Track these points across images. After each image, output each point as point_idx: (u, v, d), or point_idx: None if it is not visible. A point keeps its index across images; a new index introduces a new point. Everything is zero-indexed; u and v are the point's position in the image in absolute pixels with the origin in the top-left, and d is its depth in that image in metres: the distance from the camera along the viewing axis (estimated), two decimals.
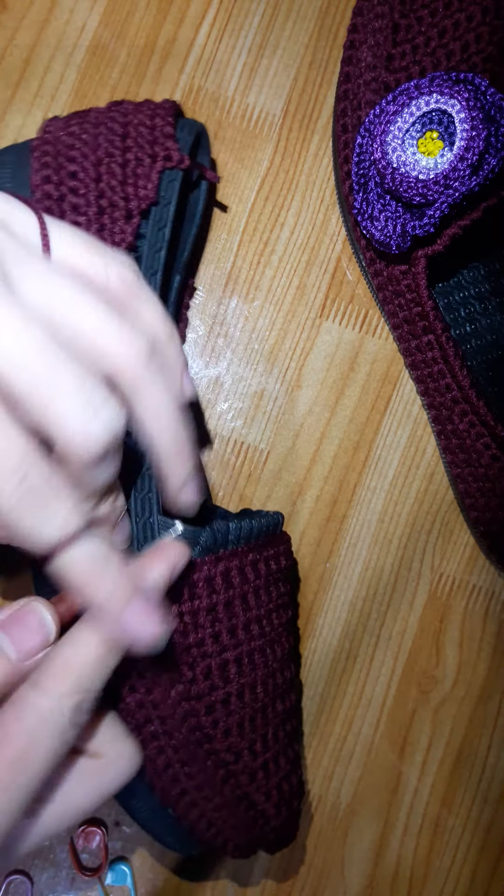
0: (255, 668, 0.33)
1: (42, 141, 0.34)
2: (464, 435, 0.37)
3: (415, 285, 0.36)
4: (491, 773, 0.42)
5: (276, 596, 0.35)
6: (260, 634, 0.33)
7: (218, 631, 0.32)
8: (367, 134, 0.35)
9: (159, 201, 0.33)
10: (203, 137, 0.38)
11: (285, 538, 0.37)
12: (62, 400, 0.22)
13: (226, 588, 0.32)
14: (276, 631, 0.34)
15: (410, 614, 0.41)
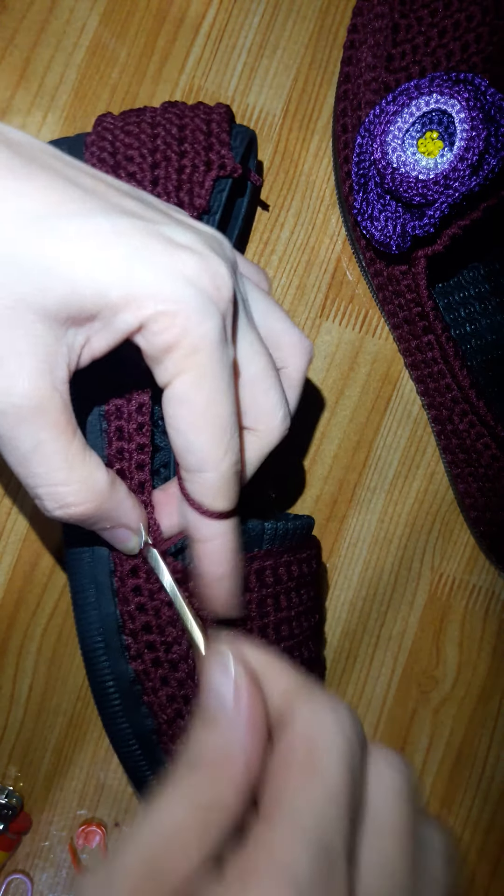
0: None
1: (98, 136, 0.33)
2: (464, 435, 0.37)
3: (415, 285, 0.36)
4: (491, 773, 0.42)
5: (306, 599, 0.35)
6: (289, 636, 0.33)
7: (250, 629, 0.32)
8: (367, 134, 0.35)
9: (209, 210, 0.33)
10: (253, 143, 0.37)
11: (316, 543, 0.37)
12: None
13: (259, 587, 0.32)
14: (305, 634, 0.35)
15: (410, 614, 0.41)
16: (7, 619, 0.40)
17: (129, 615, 0.31)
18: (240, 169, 0.33)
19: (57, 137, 0.40)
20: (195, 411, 0.26)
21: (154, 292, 0.24)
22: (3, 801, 0.39)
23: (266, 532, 0.33)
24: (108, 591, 0.31)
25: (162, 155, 0.33)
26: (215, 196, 0.33)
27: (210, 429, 0.26)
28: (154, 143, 0.33)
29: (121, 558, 0.31)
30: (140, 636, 0.31)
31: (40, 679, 0.40)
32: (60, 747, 0.40)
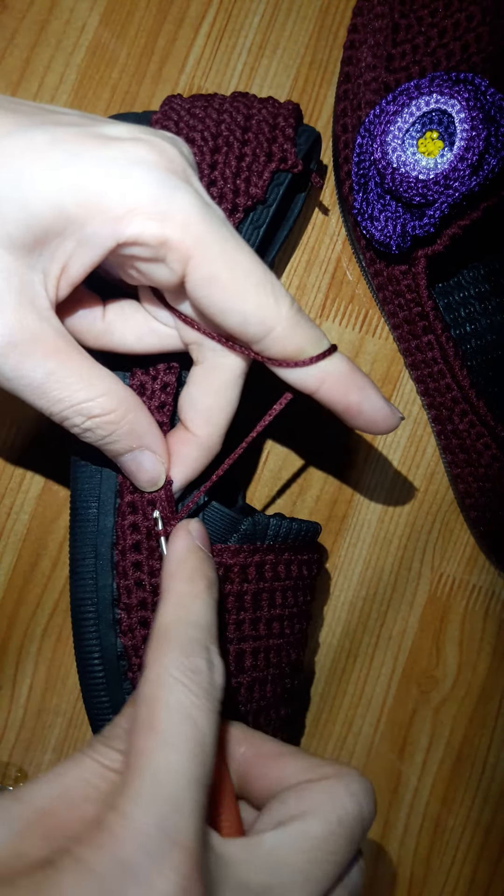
0: (269, 665, 0.33)
1: (163, 115, 0.33)
2: (464, 435, 0.37)
3: (415, 285, 0.36)
4: (491, 773, 0.42)
5: (301, 601, 0.35)
6: (279, 634, 0.34)
7: (241, 619, 0.32)
8: (367, 134, 0.35)
9: (265, 201, 0.33)
10: (317, 144, 0.37)
11: (320, 548, 0.37)
12: None
13: (257, 579, 0.32)
14: (295, 636, 0.35)
15: (410, 614, 0.41)
16: (7, 619, 0.40)
17: (126, 589, 0.31)
18: (300, 165, 0.33)
19: None
20: (225, 281, 0.24)
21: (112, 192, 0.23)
22: None
23: (270, 527, 0.33)
24: (107, 562, 0.31)
25: (224, 140, 0.32)
26: (272, 189, 0.33)
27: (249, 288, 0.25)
28: (218, 129, 0.33)
29: (124, 531, 0.31)
30: (134, 611, 0.31)
31: (40, 679, 0.40)
32: (60, 747, 0.40)
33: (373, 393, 0.28)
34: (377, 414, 0.28)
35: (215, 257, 0.24)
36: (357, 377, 0.27)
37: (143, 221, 0.23)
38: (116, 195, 0.23)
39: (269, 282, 0.25)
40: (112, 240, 0.23)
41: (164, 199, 0.23)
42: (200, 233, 0.24)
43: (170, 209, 0.23)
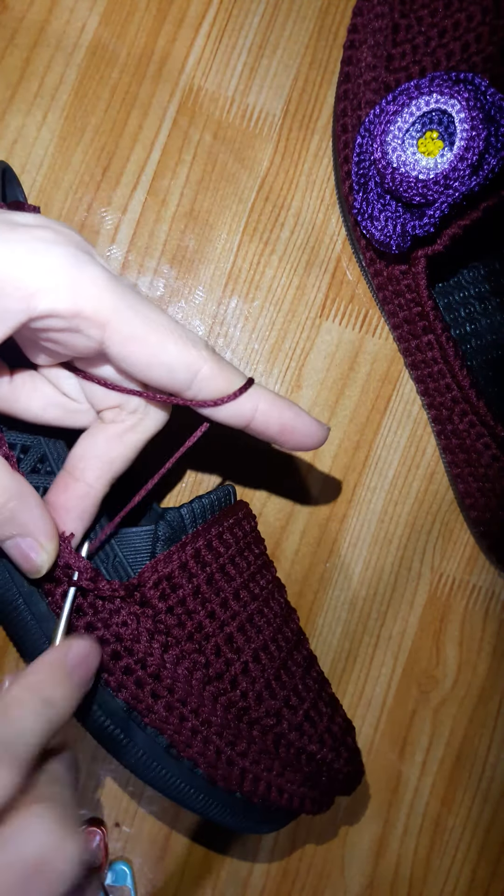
0: (260, 630, 0.33)
1: None
2: (464, 435, 0.37)
3: (415, 285, 0.36)
4: (491, 773, 0.42)
5: (253, 559, 0.35)
6: (252, 598, 0.34)
7: (211, 609, 0.32)
8: (367, 134, 0.35)
9: None
10: (8, 172, 0.36)
11: (242, 505, 0.36)
12: None
13: (202, 567, 0.32)
14: (267, 589, 0.35)
15: (410, 614, 0.41)
16: None
17: None
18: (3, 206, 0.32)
19: (57, 137, 0.40)
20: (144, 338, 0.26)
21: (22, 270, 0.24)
22: None
23: (185, 517, 0.33)
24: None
25: None
26: None
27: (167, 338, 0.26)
28: None
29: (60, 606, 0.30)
30: (113, 667, 0.31)
31: None
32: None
33: (300, 410, 0.29)
34: (309, 428, 0.29)
35: (130, 319, 0.26)
36: (282, 400, 0.29)
37: (55, 296, 0.24)
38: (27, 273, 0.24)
39: (183, 331, 0.27)
40: (24, 315, 0.24)
41: (74, 273, 0.25)
42: (112, 300, 0.25)
43: (80, 282, 0.25)
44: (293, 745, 0.33)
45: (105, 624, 0.31)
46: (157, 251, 0.41)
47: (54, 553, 0.29)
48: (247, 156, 0.41)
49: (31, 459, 0.33)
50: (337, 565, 0.41)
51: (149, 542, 0.33)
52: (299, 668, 0.34)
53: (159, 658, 0.31)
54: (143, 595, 0.31)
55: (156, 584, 0.31)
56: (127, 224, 0.41)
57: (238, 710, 0.32)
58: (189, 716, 0.31)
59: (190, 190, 0.41)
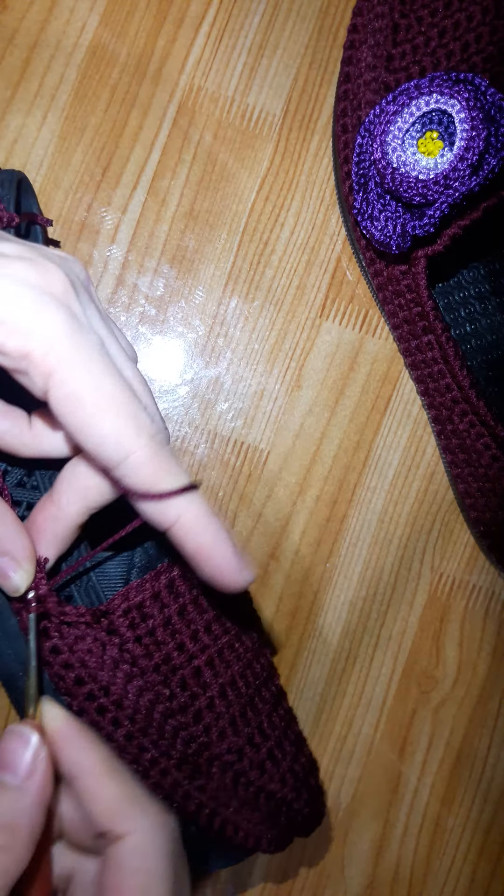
0: (230, 664, 0.33)
1: None
2: (464, 435, 0.37)
3: (415, 285, 0.36)
4: (491, 773, 0.42)
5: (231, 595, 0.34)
6: (224, 631, 0.33)
7: (181, 641, 0.31)
8: (367, 134, 0.35)
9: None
10: (24, 182, 0.36)
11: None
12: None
13: (174, 598, 0.32)
14: (242, 624, 0.34)
15: (410, 614, 0.41)
16: None
17: (58, 676, 0.30)
18: (16, 218, 0.32)
19: (57, 137, 0.40)
20: (85, 402, 0.24)
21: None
22: None
23: (164, 545, 0.33)
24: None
25: None
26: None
27: (109, 411, 0.25)
28: None
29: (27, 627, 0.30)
30: (76, 691, 0.30)
31: None
32: None
33: (226, 543, 0.26)
34: (227, 562, 0.26)
35: (78, 377, 0.24)
36: (213, 523, 0.26)
37: (7, 333, 0.24)
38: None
39: (132, 409, 0.25)
40: None
41: (31, 316, 0.24)
42: (65, 351, 0.24)
43: (35, 326, 0.24)
44: (253, 784, 0.32)
45: (70, 648, 0.30)
46: (157, 251, 0.41)
47: (32, 573, 0.29)
48: (247, 156, 0.41)
49: (17, 472, 0.32)
50: (337, 565, 0.41)
51: (124, 569, 0.33)
52: (266, 704, 0.34)
53: (122, 687, 0.30)
54: (111, 622, 0.30)
55: (125, 613, 0.30)
56: (127, 224, 0.41)
57: (199, 745, 0.31)
58: (148, 746, 0.31)
59: (190, 190, 0.41)
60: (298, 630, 0.41)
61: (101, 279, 0.40)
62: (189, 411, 0.41)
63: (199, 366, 0.41)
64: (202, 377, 0.41)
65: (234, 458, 0.41)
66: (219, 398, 0.41)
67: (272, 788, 0.33)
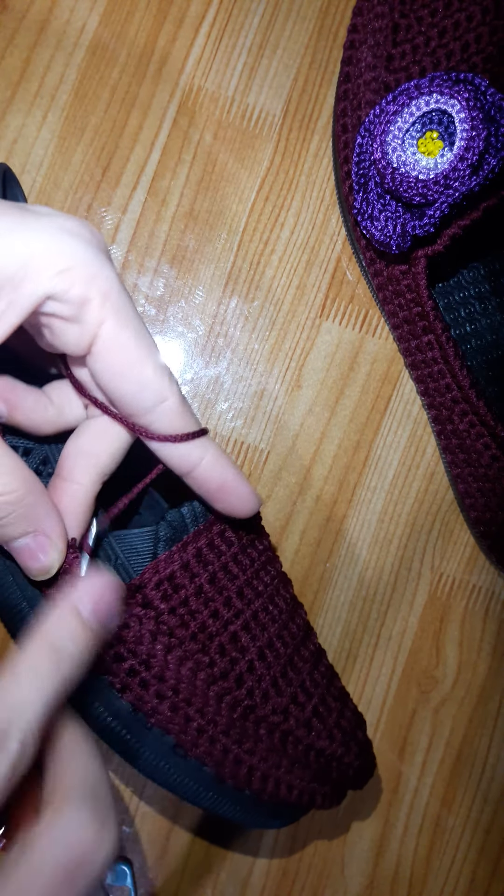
0: (265, 627, 0.33)
1: None
2: (464, 435, 0.37)
3: (415, 285, 0.36)
4: (491, 773, 0.42)
5: (256, 555, 0.35)
6: (256, 595, 0.33)
7: (214, 609, 0.32)
8: (367, 134, 0.35)
9: None
10: (8, 174, 0.36)
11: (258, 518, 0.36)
12: None
13: (204, 567, 0.32)
14: (273, 585, 0.35)
15: (410, 614, 0.41)
16: None
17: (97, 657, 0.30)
18: None
19: (57, 137, 0.40)
20: (132, 349, 0.26)
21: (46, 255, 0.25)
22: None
23: (185, 517, 0.33)
24: None
25: None
26: None
27: (150, 360, 0.27)
28: None
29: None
30: (117, 669, 0.31)
31: None
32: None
33: (241, 475, 0.30)
34: (245, 495, 0.30)
35: (126, 326, 0.26)
36: (228, 460, 0.30)
37: (71, 280, 0.25)
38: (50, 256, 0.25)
39: (163, 363, 0.28)
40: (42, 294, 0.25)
41: (92, 266, 0.25)
42: (118, 302, 0.26)
43: (97, 276, 0.26)
44: (301, 742, 0.32)
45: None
46: (157, 251, 0.41)
47: (64, 552, 0.29)
48: (247, 156, 0.41)
49: (33, 462, 0.33)
50: (337, 565, 0.41)
51: (150, 543, 0.33)
52: (306, 663, 0.34)
53: (162, 659, 0.31)
54: (145, 596, 0.31)
55: (157, 585, 0.31)
56: (127, 224, 0.41)
57: (244, 709, 0.32)
58: (194, 716, 0.31)
59: (190, 190, 0.41)
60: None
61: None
62: None
63: (199, 366, 0.41)
64: (202, 377, 0.41)
65: (234, 458, 0.41)
66: (219, 398, 0.41)
67: (321, 745, 0.33)
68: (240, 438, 0.41)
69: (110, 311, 0.26)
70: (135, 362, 0.26)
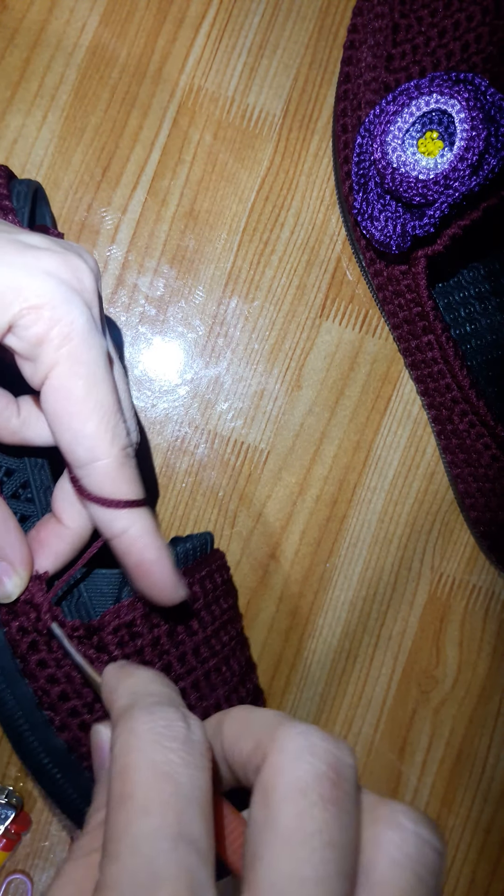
0: (215, 688, 0.33)
1: None
2: (464, 435, 0.37)
3: (415, 285, 0.36)
4: (491, 773, 0.42)
5: (219, 613, 0.34)
6: (212, 654, 0.33)
7: (168, 662, 0.31)
8: (367, 134, 0.35)
9: None
10: (39, 192, 0.36)
11: (218, 555, 0.36)
12: None
13: (165, 619, 0.31)
14: (230, 646, 0.34)
15: (410, 614, 0.41)
16: None
17: (43, 690, 0.30)
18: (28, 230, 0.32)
19: (57, 137, 0.40)
20: (76, 400, 0.25)
21: (16, 289, 0.24)
22: (3, 801, 0.39)
23: None
24: (14, 672, 0.30)
25: None
26: None
27: (94, 415, 0.26)
28: None
29: (14, 637, 0.30)
30: (59, 706, 0.30)
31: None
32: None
33: (165, 562, 0.28)
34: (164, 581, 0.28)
35: (78, 375, 0.25)
36: (156, 542, 0.27)
37: (34, 319, 0.25)
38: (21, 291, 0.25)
39: (114, 420, 0.26)
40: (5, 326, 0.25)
41: (59, 309, 0.25)
42: (76, 348, 0.25)
43: (61, 320, 0.25)
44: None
45: (58, 663, 0.30)
46: (157, 251, 0.41)
47: (26, 581, 0.29)
48: (247, 156, 0.41)
49: (13, 484, 0.32)
50: (337, 565, 0.41)
51: (115, 586, 0.32)
52: None
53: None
54: (101, 640, 0.30)
55: (115, 630, 0.30)
56: (127, 224, 0.41)
57: None
58: None
59: (190, 190, 0.41)
60: (298, 630, 0.41)
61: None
62: (189, 411, 0.41)
63: (199, 366, 0.41)
64: (202, 377, 0.41)
65: (234, 458, 0.41)
66: (219, 398, 0.41)
67: None
68: (240, 438, 0.41)
69: (65, 357, 0.25)
70: (75, 414, 0.25)
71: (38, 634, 0.30)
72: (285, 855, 0.17)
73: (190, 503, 0.41)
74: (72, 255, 0.26)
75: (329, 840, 0.17)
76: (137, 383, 0.41)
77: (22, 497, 0.32)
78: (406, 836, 0.19)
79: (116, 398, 0.26)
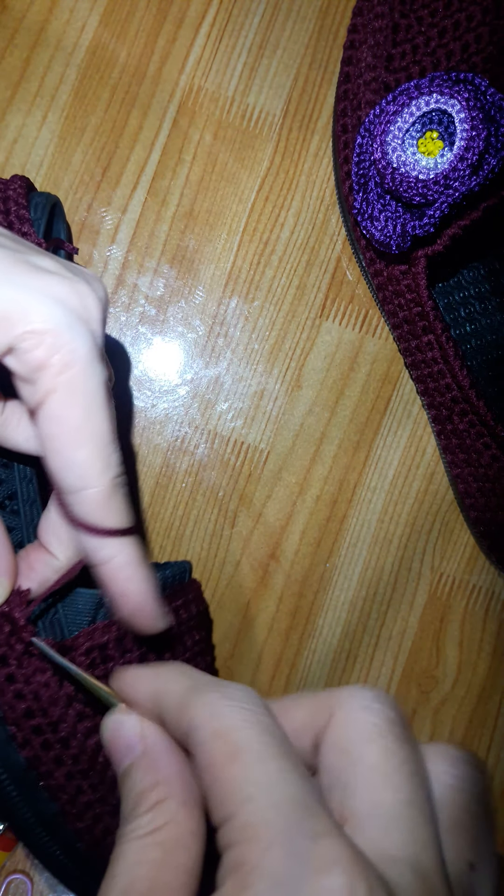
0: None
1: None
2: (464, 435, 0.37)
3: (415, 285, 0.36)
4: (491, 773, 0.42)
5: (191, 644, 0.34)
6: None
7: None
8: (367, 134, 0.35)
9: None
10: (57, 207, 0.36)
11: (195, 585, 0.36)
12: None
13: (138, 645, 0.31)
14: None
15: (410, 614, 0.41)
16: None
17: (8, 705, 0.30)
18: (43, 243, 0.32)
19: (57, 137, 0.40)
20: (71, 427, 0.25)
21: (22, 312, 0.24)
22: None
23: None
24: None
25: None
26: None
27: (88, 444, 0.26)
28: None
29: None
30: (23, 723, 0.30)
31: None
32: None
33: (151, 592, 0.28)
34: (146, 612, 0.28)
35: (75, 404, 0.25)
36: (142, 571, 0.27)
37: (36, 343, 0.24)
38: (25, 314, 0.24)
39: (108, 450, 0.26)
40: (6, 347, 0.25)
41: (63, 336, 0.25)
42: (76, 377, 0.25)
43: (63, 346, 0.25)
44: None
45: (26, 680, 0.29)
46: (157, 251, 0.41)
47: (8, 591, 0.29)
48: (247, 156, 0.41)
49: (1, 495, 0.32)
50: (337, 565, 0.41)
51: (91, 607, 0.32)
52: None
53: (72, 726, 0.29)
54: (71, 659, 0.30)
55: (87, 652, 0.30)
56: (127, 224, 0.41)
57: None
58: (87, 790, 0.30)
59: (190, 190, 0.41)
60: (298, 630, 0.41)
61: (101, 279, 0.40)
62: (189, 411, 0.41)
63: (199, 366, 0.41)
64: (202, 377, 0.41)
65: (234, 458, 0.41)
66: (219, 398, 0.41)
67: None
68: (240, 438, 0.41)
69: (64, 385, 0.25)
70: (68, 441, 0.25)
71: (10, 648, 0.29)
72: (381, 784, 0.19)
73: (190, 503, 0.41)
74: (81, 283, 0.26)
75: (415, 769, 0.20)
76: (137, 383, 0.41)
77: (8, 508, 0.32)
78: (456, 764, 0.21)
79: (112, 428, 0.26)
